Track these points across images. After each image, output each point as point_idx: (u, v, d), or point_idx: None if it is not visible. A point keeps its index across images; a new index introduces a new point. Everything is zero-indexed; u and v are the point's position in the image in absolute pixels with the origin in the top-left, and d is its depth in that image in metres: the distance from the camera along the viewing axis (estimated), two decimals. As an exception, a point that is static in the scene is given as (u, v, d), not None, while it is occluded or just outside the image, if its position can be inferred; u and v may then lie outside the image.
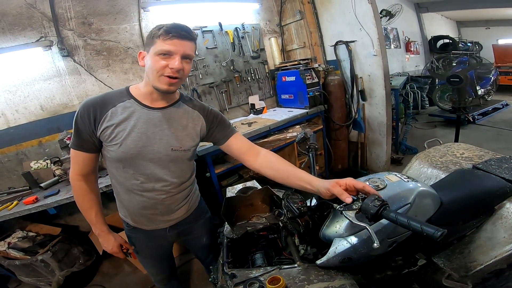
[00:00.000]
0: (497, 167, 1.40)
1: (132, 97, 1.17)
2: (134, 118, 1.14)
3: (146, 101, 1.17)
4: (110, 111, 1.12)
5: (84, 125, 1.11)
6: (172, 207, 1.34)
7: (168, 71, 1.05)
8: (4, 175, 2.48)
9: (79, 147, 1.16)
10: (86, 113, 1.11)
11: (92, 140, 1.14)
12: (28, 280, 2.33)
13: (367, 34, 3.18)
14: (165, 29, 1.02)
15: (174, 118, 1.21)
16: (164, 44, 1.02)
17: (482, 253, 1.19)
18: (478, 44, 9.07)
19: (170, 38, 1.02)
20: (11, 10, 2.33)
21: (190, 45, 1.08)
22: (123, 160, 1.17)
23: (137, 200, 1.27)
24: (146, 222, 1.35)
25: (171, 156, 1.22)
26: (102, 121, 1.11)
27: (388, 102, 3.38)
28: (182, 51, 1.04)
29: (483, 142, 4.24)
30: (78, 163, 1.20)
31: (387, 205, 0.82)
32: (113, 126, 1.12)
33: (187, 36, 1.05)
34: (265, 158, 1.26)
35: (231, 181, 3.06)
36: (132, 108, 1.15)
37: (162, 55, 1.03)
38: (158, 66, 1.04)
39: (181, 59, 1.05)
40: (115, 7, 2.76)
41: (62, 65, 2.55)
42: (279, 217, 1.37)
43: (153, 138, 1.17)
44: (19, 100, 2.43)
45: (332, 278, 0.99)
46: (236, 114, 3.61)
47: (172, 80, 1.07)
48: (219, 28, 3.29)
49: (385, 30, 6.19)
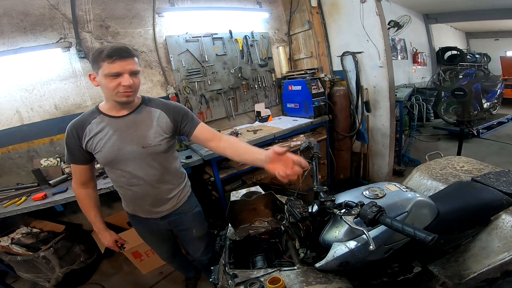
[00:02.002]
0: (495, 180, 1.44)
1: (102, 112, 1.36)
2: (106, 129, 1.33)
3: (112, 113, 1.35)
4: (88, 128, 1.33)
5: (72, 143, 1.35)
6: (161, 198, 1.53)
7: (121, 88, 1.21)
8: (13, 171, 2.54)
9: (72, 161, 1.41)
10: (71, 133, 1.34)
11: (81, 153, 1.37)
12: (27, 276, 2.35)
13: (374, 46, 3.22)
14: (106, 53, 1.15)
15: (138, 121, 1.38)
16: (111, 67, 1.16)
17: (476, 262, 1.22)
18: (486, 56, 9.00)
19: (113, 61, 1.15)
20: (34, 11, 2.41)
21: (133, 61, 1.21)
22: (107, 163, 1.39)
23: (128, 194, 1.50)
24: (140, 212, 1.58)
25: (145, 153, 1.38)
26: (84, 137, 1.33)
27: (392, 114, 3.40)
28: (128, 69, 1.19)
29: (485, 156, 4.23)
30: (75, 174, 1.46)
31: (383, 211, 0.87)
32: (92, 138, 1.33)
33: (128, 55, 1.19)
34: (226, 141, 1.43)
35: (235, 186, 3.10)
36: (103, 122, 1.34)
37: (112, 76, 1.18)
38: (112, 86, 1.20)
39: (129, 75, 1.20)
40: (131, 11, 2.85)
41: (79, 67, 2.63)
42: (281, 221, 1.42)
43: (125, 141, 1.35)
44: (35, 98, 2.51)
45: (329, 281, 1.03)
46: (242, 121, 3.67)
47: (128, 93, 1.24)
48: (229, 36, 3.37)
49: (393, 41, 6.19)
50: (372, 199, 1.08)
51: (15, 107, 2.46)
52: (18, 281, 2.60)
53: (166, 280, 2.54)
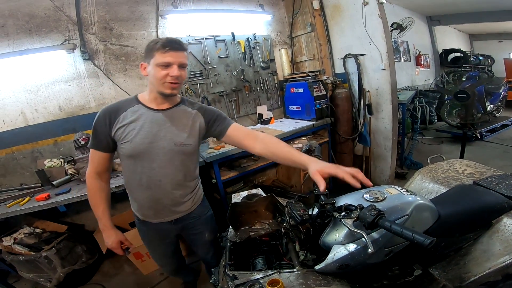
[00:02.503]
0: (497, 183, 1.43)
1: (140, 102, 1.38)
2: (141, 119, 1.34)
3: (152, 105, 1.38)
4: (122, 115, 1.33)
5: (101, 128, 1.33)
6: (178, 200, 1.49)
7: (169, 79, 1.26)
8: (17, 172, 2.56)
9: (96, 146, 1.37)
10: (103, 118, 1.33)
11: (107, 140, 1.35)
12: (28, 276, 2.36)
13: (376, 48, 3.23)
14: (161, 43, 1.22)
15: (175, 117, 1.40)
16: (162, 56, 1.23)
17: (477, 265, 1.22)
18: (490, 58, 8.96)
19: (167, 51, 1.22)
20: (39, 12, 2.44)
21: (184, 54, 1.28)
22: (134, 155, 1.35)
23: (145, 194, 1.44)
24: (153, 215, 1.51)
25: (175, 150, 1.38)
26: (115, 124, 1.32)
27: (395, 117, 3.40)
28: (178, 61, 1.26)
29: (488, 159, 4.21)
30: (94, 161, 1.41)
31: (383, 215, 0.87)
32: (124, 126, 1.32)
33: (180, 48, 1.26)
34: (262, 142, 1.42)
35: (236, 188, 3.11)
36: (140, 111, 1.35)
37: (162, 66, 1.24)
38: (160, 75, 1.25)
39: (178, 67, 1.26)
40: (135, 13, 2.88)
41: (83, 68, 2.66)
42: (281, 224, 1.42)
43: (158, 135, 1.35)
44: (39, 100, 2.54)
45: (329, 284, 1.03)
46: (243, 123, 3.66)
47: (174, 85, 1.29)
48: (232, 38, 3.39)
49: (396, 43, 6.17)
50: (372, 202, 1.08)
51: (20, 108, 2.49)
52: (19, 281, 2.61)
53: (167, 281, 2.55)
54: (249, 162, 2.89)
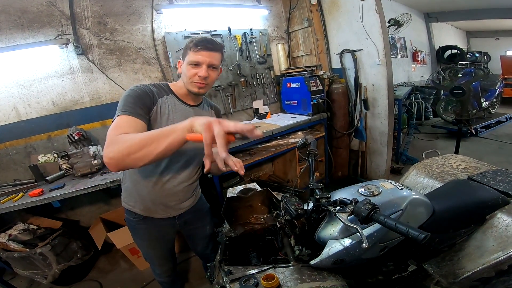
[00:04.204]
0: (491, 179, 1.44)
1: (173, 93, 1.36)
2: (175, 110, 1.32)
3: (183, 98, 1.38)
4: (161, 99, 1.29)
5: (145, 99, 1.20)
6: (187, 195, 1.52)
7: (197, 78, 1.26)
8: (10, 167, 2.53)
9: (135, 114, 1.11)
10: (150, 91, 1.25)
11: (145, 114, 1.18)
12: (24, 272, 2.34)
13: (373, 44, 3.23)
14: (194, 42, 1.24)
15: (201, 115, 1.36)
16: (194, 55, 1.24)
17: (471, 261, 1.23)
18: (486, 55, 9.05)
19: (198, 50, 1.22)
20: (31, 7, 2.40)
21: (216, 55, 1.27)
22: None
23: (156, 189, 1.39)
24: (161, 210, 1.47)
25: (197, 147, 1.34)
26: (156, 105, 1.26)
27: (391, 112, 3.41)
28: (208, 61, 1.25)
29: (483, 155, 4.25)
30: (123, 127, 1.05)
31: (377, 209, 0.87)
32: (160, 112, 1.27)
33: (212, 48, 1.25)
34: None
35: (232, 183, 3.11)
36: (174, 102, 1.34)
37: (193, 64, 1.25)
38: (190, 74, 1.27)
39: (207, 67, 1.25)
40: (130, 8, 2.83)
41: (76, 63, 2.62)
42: (276, 218, 1.42)
43: None
44: (32, 95, 2.50)
45: (324, 279, 1.03)
46: (240, 118, 3.66)
47: (201, 85, 1.29)
48: (228, 33, 3.36)
49: (393, 39, 6.19)
50: (368, 196, 1.08)
51: (13, 103, 2.45)
52: (15, 278, 2.61)
53: (163, 277, 2.54)
54: (245, 157, 2.89)
